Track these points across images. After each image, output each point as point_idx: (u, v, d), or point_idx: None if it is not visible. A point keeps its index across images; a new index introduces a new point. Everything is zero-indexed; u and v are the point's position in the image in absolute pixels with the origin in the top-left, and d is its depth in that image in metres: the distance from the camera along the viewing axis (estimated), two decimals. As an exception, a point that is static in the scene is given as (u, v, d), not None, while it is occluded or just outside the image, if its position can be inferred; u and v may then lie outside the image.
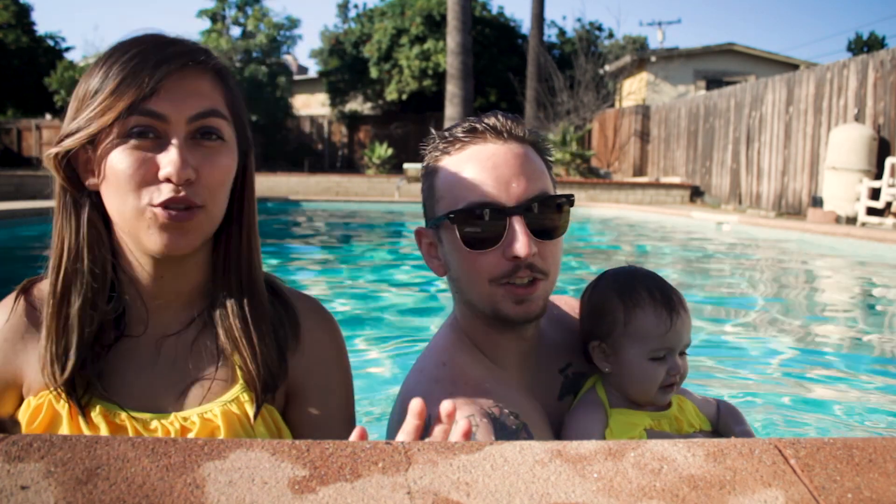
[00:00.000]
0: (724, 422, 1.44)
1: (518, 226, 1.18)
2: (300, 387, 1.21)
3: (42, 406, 1.11)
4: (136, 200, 1.03)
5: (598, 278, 1.43)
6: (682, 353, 1.37)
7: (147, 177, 1.03)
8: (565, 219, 1.26)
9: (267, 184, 17.42)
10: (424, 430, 1.02)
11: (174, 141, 1.03)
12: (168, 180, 1.02)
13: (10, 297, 1.16)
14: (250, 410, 1.14)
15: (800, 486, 0.85)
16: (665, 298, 1.35)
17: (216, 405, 1.13)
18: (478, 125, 1.25)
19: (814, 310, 5.03)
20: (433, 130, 1.35)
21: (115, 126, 1.02)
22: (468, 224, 1.20)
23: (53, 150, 1.07)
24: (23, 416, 1.12)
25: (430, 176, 1.29)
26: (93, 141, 1.04)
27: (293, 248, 8.53)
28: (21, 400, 1.14)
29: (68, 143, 1.05)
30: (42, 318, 1.11)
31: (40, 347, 1.10)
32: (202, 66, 1.07)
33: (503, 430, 1.21)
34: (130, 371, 1.14)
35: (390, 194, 16.46)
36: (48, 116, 27.15)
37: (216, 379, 1.14)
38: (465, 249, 1.21)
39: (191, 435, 1.11)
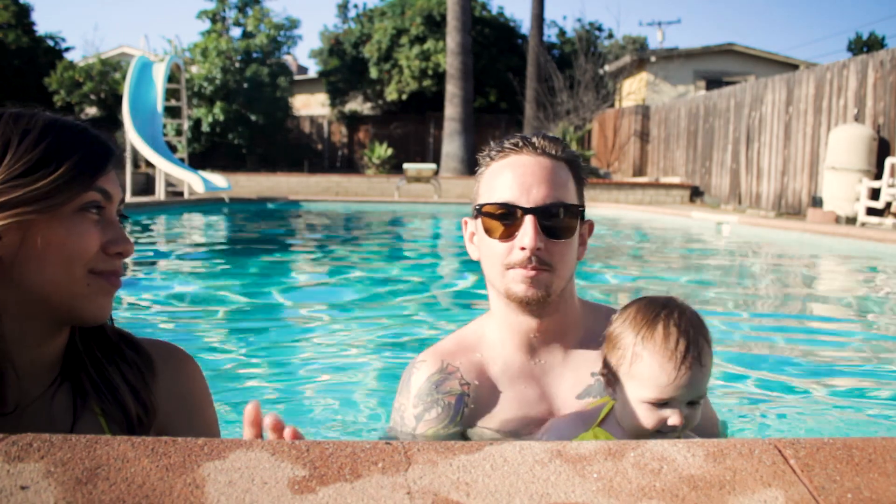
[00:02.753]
0: None
1: (529, 223, 1.43)
2: (168, 419, 1.27)
3: None
4: (82, 270, 1.11)
5: (630, 304, 1.40)
6: (693, 404, 1.31)
7: (97, 247, 1.13)
8: (574, 224, 1.49)
9: (267, 184, 17.42)
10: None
11: (115, 218, 1.17)
12: (119, 254, 1.15)
13: None
14: None
15: (800, 486, 0.85)
16: (680, 349, 1.28)
17: None
18: (520, 140, 1.52)
19: (813, 310, 5.03)
20: (492, 142, 1.60)
21: (73, 199, 1.10)
22: (491, 217, 1.48)
23: (7, 220, 1.06)
24: None
25: (478, 177, 1.58)
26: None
27: (293, 248, 8.53)
28: None
29: (21, 211, 1.06)
30: None
31: None
32: (119, 163, 1.22)
33: (438, 384, 1.50)
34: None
35: (390, 194, 16.45)
36: (48, 116, 27.12)
37: (87, 430, 1.17)
38: (486, 237, 1.49)
39: None
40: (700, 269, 6.91)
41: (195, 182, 13.16)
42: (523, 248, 1.43)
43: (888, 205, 9.87)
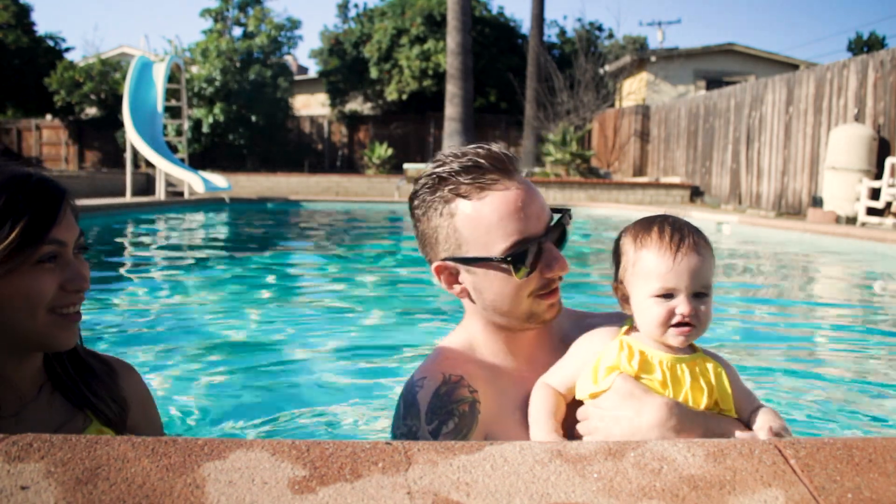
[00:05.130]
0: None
1: (552, 249, 1.42)
2: (134, 417, 1.52)
3: None
4: (42, 312, 1.26)
5: (628, 225, 1.48)
6: (701, 296, 1.35)
7: (55, 290, 1.27)
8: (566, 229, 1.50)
9: (267, 184, 17.42)
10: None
11: (70, 259, 1.29)
12: (78, 291, 1.29)
13: None
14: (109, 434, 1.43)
15: (800, 486, 0.85)
16: (675, 239, 1.36)
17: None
18: (482, 163, 1.41)
19: (813, 310, 5.03)
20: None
21: (28, 258, 1.23)
22: (520, 261, 1.40)
23: None
24: None
25: (443, 217, 1.44)
26: None
27: (293, 248, 8.53)
28: None
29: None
30: None
31: None
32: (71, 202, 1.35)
33: (448, 395, 1.43)
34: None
35: (390, 194, 16.46)
36: (48, 116, 27.15)
37: (75, 427, 1.39)
38: (512, 279, 1.41)
39: None
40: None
41: (195, 182, 13.16)
42: (559, 275, 1.43)
43: (888, 205, 9.87)
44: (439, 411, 1.42)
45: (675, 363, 1.36)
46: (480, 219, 1.40)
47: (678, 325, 1.34)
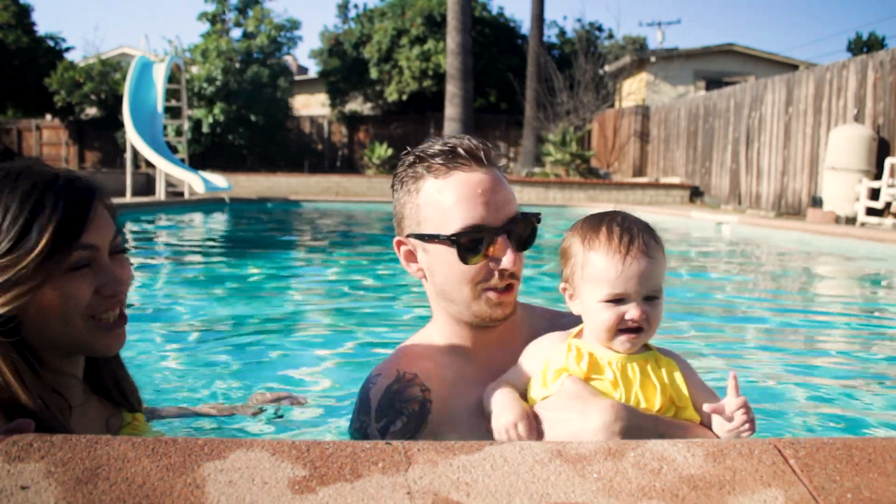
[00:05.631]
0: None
1: (505, 243, 1.40)
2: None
3: None
4: (79, 319, 1.23)
5: (577, 222, 1.45)
6: (651, 299, 1.32)
7: (90, 295, 1.25)
8: (535, 233, 1.48)
9: (267, 184, 17.42)
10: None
11: (105, 263, 1.26)
12: (114, 296, 1.26)
13: None
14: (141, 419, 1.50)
15: (799, 486, 0.85)
16: (624, 242, 1.32)
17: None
18: (459, 149, 1.42)
19: (813, 310, 5.03)
20: (408, 147, 1.54)
21: (60, 265, 1.19)
22: (466, 243, 1.39)
23: (5, 307, 1.16)
24: None
25: (410, 194, 1.48)
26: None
27: (293, 248, 8.53)
28: None
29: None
30: None
31: None
32: (104, 199, 1.33)
33: (398, 393, 1.43)
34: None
35: (390, 194, 16.39)
36: (48, 117, 27.14)
37: (118, 419, 1.43)
38: (459, 263, 1.41)
39: None
40: (700, 270, 6.91)
41: (195, 182, 13.16)
42: (504, 269, 1.40)
43: (888, 205, 9.87)
44: (388, 410, 1.43)
45: (625, 363, 1.33)
46: (440, 198, 1.42)
47: (627, 330, 1.31)
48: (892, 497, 0.83)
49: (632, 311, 1.30)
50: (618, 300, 1.31)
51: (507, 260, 1.39)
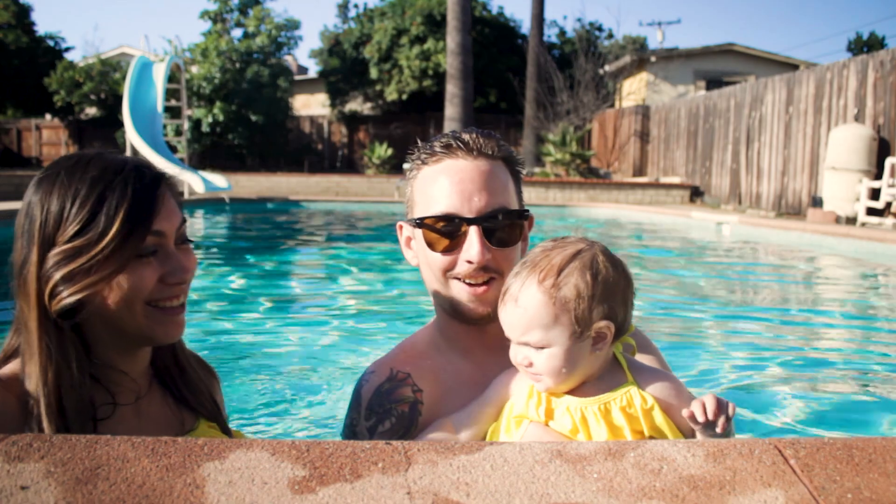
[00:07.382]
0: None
1: (475, 235, 1.37)
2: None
3: None
4: (140, 305, 1.22)
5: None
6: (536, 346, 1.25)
7: (154, 282, 1.23)
8: (519, 229, 1.44)
9: (267, 184, 17.42)
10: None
11: (171, 250, 1.24)
12: (179, 284, 1.25)
13: None
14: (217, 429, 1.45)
15: (800, 487, 0.85)
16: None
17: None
18: (452, 141, 1.43)
19: (813, 310, 5.03)
20: (419, 141, 1.54)
21: (130, 254, 1.18)
22: (433, 230, 1.40)
23: (78, 294, 1.15)
24: None
25: (410, 181, 1.51)
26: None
27: (293, 247, 8.53)
28: None
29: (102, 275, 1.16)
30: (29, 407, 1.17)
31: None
32: (171, 187, 1.30)
33: (388, 393, 1.42)
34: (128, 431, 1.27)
35: (390, 194, 16.45)
36: (48, 116, 27.14)
37: (183, 424, 1.38)
38: (428, 249, 1.41)
39: None
40: (700, 270, 6.90)
41: (195, 182, 13.16)
42: (469, 262, 1.37)
43: (888, 205, 9.87)
44: (378, 409, 1.42)
45: (584, 407, 1.23)
46: (426, 184, 1.45)
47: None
48: (892, 497, 0.83)
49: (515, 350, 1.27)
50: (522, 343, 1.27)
51: (474, 252, 1.36)
